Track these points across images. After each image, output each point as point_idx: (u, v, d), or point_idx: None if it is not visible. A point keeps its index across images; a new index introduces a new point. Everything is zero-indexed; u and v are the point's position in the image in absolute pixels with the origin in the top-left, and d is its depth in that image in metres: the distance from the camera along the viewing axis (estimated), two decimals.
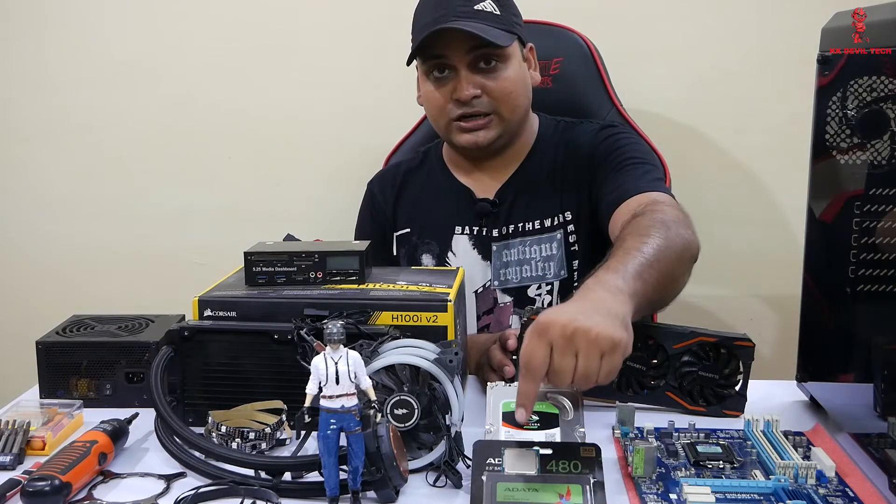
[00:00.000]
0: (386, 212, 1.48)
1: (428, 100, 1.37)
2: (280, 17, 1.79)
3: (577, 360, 0.85)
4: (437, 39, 1.28)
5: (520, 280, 1.39)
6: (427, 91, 1.36)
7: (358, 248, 1.13)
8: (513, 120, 1.36)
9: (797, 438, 0.96)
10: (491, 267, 1.40)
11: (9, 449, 0.97)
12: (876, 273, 0.92)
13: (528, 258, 1.38)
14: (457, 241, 1.42)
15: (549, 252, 1.38)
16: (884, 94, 0.92)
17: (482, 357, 1.19)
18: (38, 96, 1.85)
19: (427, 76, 1.35)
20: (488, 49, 1.29)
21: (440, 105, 1.34)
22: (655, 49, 1.75)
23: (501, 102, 1.32)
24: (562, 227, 1.38)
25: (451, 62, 1.31)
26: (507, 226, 1.40)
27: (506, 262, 1.40)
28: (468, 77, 1.30)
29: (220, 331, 1.04)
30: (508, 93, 1.32)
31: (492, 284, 1.40)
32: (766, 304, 1.79)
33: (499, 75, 1.31)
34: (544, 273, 1.38)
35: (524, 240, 1.39)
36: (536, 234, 1.39)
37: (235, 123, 1.83)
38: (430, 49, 1.31)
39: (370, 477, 0.84)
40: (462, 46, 1.29)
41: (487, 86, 1.31)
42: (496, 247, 1.40)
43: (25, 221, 1.91)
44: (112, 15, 1.81)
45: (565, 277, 1.38)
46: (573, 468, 0.82)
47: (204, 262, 1.88)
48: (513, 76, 1.33)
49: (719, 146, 1.78)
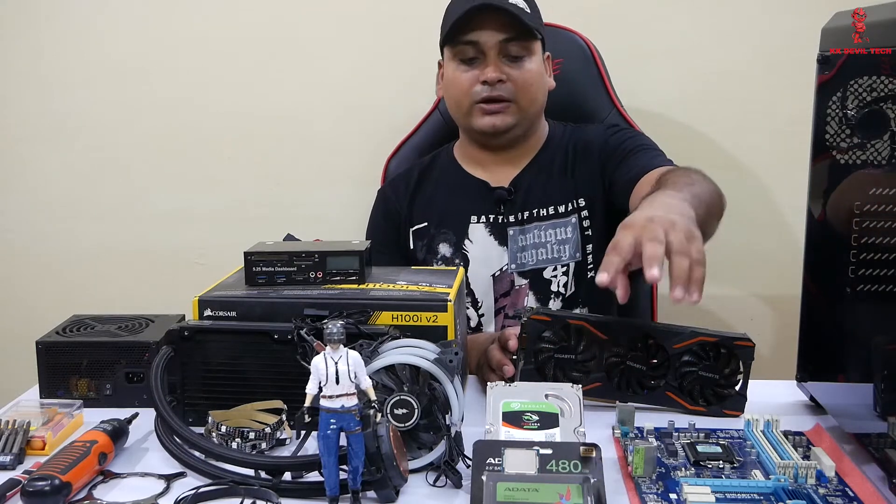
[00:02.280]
0: (401, 211, 1.51)
1: (453, 83, 1.42)
2: (280, 17, 1.79)
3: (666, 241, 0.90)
4: (471, 25, 1.36)
5: (535, 262, 1.44)
6: (453, 75, 1.41)
7: (358, 248, 1.13)
8: (529, 111, 1.42)
9: (797, 438, 0.96)
10: (508, 251, 1.44)
11: (9, 449, 0.97)
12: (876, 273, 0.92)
13: (543, 241, 1.43)
14: (473, 229, 1.46)
15: (565, 235, 1.43)
16: (884, 93, 0.92)
17: (481, 357, 1.19)
18: (39, 96, 1.85)
19: (455, 61, 1.41)
20: (518, 40, 1.37)
21: (465, 88, 1.40)
22: (655, 49, 1.75)
23: (522, 92, 1.39)
24: (576, 212, 1.44)
25: (483, 47, 1.37)
26: (523, 212, 1.44)
27: (522, 245, 1.44)
28: (496, 62, 1.37)
29: (220, 331, 1.04)
30: (529, 84, 1.40)
31: (508, 268, 1.44)
32: (766, 304, 1.79)
33: (523, 66, 1.39)
34: (559, 255, 1.43)
35: (539, 224, 1.44)
36: (552, 218, 1.44)
37: (235, 123, 1.83)
38: (462, 34, 1.38)
39: (370, 477, 0.84)
40: (495, 34, 1.36)
41: (512, 74, 1.38)
42: (512, 231, 1.44)
43: (25, 221, 1.91)
44: (112, 15, 1.81)
45: (580, 260, 1.43)
46: (573, 468, 0.82)
47: (204, 262, 1.88)
48: (535, 70, 1.40)
49: (719, 146, 1.78)
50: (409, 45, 1.76)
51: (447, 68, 1.44)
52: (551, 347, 1.08)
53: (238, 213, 1.86)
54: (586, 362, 1.08)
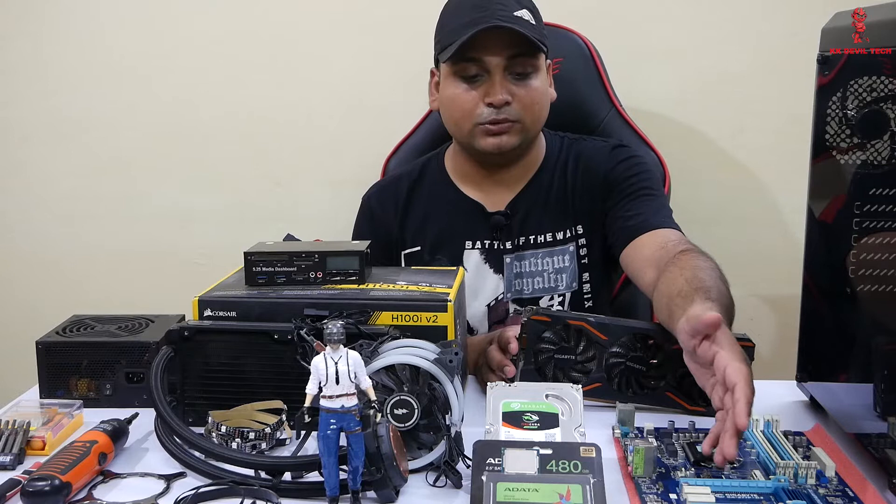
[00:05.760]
0: (391, 231, 1.44)
1: (453, 101, 1.33)
2: (280, 17, 1.79)
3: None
4: (475, 41, 1.26)
5: (532, 291, 1.39)
6: (453, 93, 1.32)
7: (358, 248, 1.13)
8: (533, 130, 1.35)
9: (797, 438, 0.96)
10: (503, 279, 1.39)
11: (9, 449, 0.97)
12: (876, 273, 0.92)
13: (540, 270, 1.38)
14: (468, 255, 1.40)
15: (562, 264, 1.38)
16: (884, 94, 0.92)
17: (480, 357, 1.19)
18: (39, 96, 1.85)
19: (455, 78, 1.32)
20: (525, 57, 1.29)
21: (468, 108, 1.31)
22: (655, 49, 1.75)
23: (527, 111, 1.31)
24: (574, 240, 1.39)
25: (487, 65, 1.29)
26: (520, 238, 1.39)
27: (518, 273, 1.39)
28: (502, 82, 1.29)
29: (220, 331, 1.04)
30: (535, 103, 1.32)
31: (504, 297, 1.40)
32: (766, 304, 1.79)
33: (529, 84, 1.31)
34: (556, 284, 1.38)
35: (536, 252, 1.39)
36: (549, 246, 1.39)
37: (236, 124, 1.83)
38: (466, 51, 1.28)
39: (370, 477, 0.84)
40: (501, 51, 1.28)
41: (518, 93, 1.30)
42: (509, 259, 1.39)
43: (25, 221, 1.91)
44: (113, 15, 1.81)
45: (576, 289, 1.39)
46: (573, 468, 0.82)
47: (204, 262, 1.88)
48: (540, 87, 1.33)
49: (719, 146, 1.78)
50: (408, 45, 1.76)
51: (445, 85, 1.34)
52: (551, 348, 1.08)
53: (238, 213, 1.86)
54: (586, 362, 1.08)
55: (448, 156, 1.46)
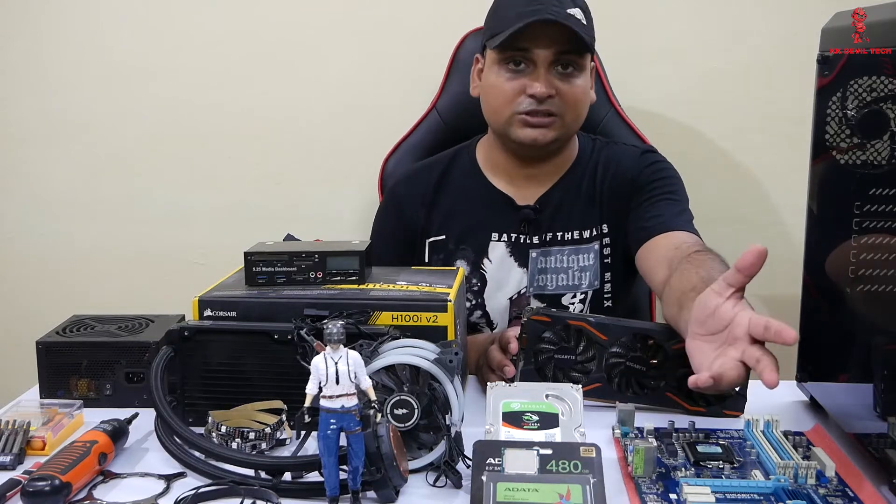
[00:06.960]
0: (417, 219, 1.44)
1: (495, 88, 1.33)
2: (280, 17, 1.79)
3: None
4: (526, 33, 1.27)
5: (555, 288, 1.39)
6: (496, 81, 1.33)
7: (358, 248, 1.13)
8: (572, 128, 1.36)
9: (797, 438, 0.96)
10: (527, 273, 1.40)
11: (9, 449, 0.97)
12: (876, 273, 0.92)
13: (565, 267, 1.39)
14: (493, 247, 1.40)
15: (587, 262, 1.39)
16: (884, 94, 0.92)
17: (481, 357, 1.19)
18: (38, 96, 1.85)
19: (500, 66, 1.32)
20: (572, 54, 1.30)
21: (509, 97, 1.32)
22: (655, 49, 1.75)
23: (569, 108, 1.32)
24: (599, 238, 1.39)
25: (535, 58, 1.29)
26: (547, 233, 1.39)
27: (542, 268, 1.39)
28: (547, 76, 1.30)
29: (220, 331, 1.04)
30: (577, 100, 1.33)
31: (527, 291, 1.40)
32: (766, 304, 1.79)
33: (573, 82, 1.32)
34: (580, 282, 1.39)
35: (562, 248, 1.39)
36: (575, 243, 1.39)
37: (235, 123, 1.83)
38: (515, 40, 1.28)
39: (370, 477, 0.84)
40: (551, 45, 1.28)
41: (561, 88, 1.31)
42: (534, 253, 1.39)
43: (25, 221, 1.91)
44: (112, 15, 1.81)
45: (597, 288, 1.39)
46: (573, 468, 0.82)
47: (204, 262, 1.88)
48: (583, 86, 1.33)
49: (719, 146, 1.78)
50: (408, 46, 1.76)
51: (489, 71, 1.35)
52: (551, 348, 1.08)
53: (238, 213, 1.86)
54: (586, 363, 1.08)
55: (480, 147, 1.47)
